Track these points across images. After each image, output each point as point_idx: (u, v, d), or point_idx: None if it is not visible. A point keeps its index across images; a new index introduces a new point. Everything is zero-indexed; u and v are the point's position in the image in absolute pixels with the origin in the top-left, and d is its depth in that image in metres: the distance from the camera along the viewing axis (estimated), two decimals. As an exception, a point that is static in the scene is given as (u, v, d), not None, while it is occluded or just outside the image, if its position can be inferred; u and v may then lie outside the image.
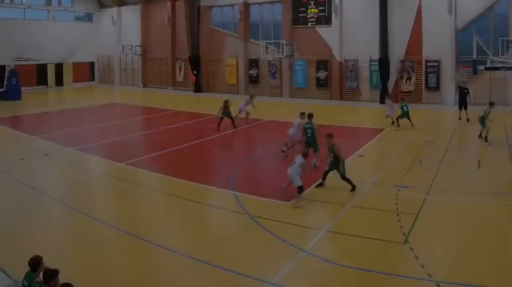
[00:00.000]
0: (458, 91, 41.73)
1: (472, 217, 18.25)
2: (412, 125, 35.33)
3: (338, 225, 17.70)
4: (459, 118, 39.80)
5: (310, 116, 26.17)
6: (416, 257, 14.52)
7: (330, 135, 21.95)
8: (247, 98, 40.93)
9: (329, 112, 42.79)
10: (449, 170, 24.99)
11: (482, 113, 30.17)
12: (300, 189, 20.02)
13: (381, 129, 35.95)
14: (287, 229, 17.17)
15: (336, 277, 13.88)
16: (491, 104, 31.21)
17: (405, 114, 35.70)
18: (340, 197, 20.85)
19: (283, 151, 27.71)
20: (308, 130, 25.29)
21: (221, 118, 36.57)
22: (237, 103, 39.58)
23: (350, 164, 24.80)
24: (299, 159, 20.65)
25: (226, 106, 36.86)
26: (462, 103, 40.05)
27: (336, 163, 21.62)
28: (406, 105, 35.91)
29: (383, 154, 29.90)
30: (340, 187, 21.62)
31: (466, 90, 40.64)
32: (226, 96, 42.94)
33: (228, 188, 22.20)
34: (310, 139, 25.16)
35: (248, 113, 39.16)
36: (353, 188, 21.38)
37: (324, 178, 22.31)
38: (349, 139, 31.22)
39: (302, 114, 27.53)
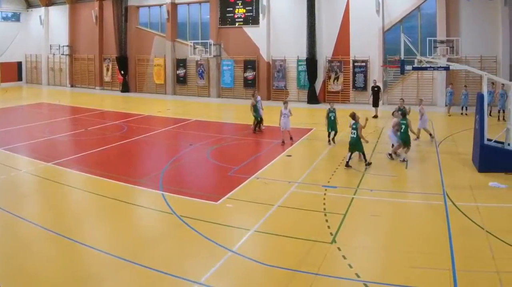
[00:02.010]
0: (371, 89, 42.64)
1: (400, 217, 18.09)
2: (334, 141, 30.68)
3: (265, 225, 17.13)
4: (375, 116, 40.29)
5: (404, 114, 26.41)
6: (344, 257, 14.26)
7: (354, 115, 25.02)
8: (257, 100, 35.69)
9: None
10: (377, 170, 24.35)
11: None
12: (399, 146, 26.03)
13: (309, 129, 35.26)
14: (214, 229, 16.77)
15: (263, 277, 13.53)
16: (402, 100, 32.07)
17: (332, 125, 30.00)
18: (268, 197, 20.16)
19: (390, 155, 26.76)
20: (402, 126, 25.85)
21: (260, 119, 33.39)
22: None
23: (278, 164, 25.81)
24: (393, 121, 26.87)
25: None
26: (375, 101, 41.34)
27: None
28: (333, 113, 30.14)
29: (311, 153, 28.96)
30: (267, 187, 21.53)
31: (376, 88, 42.05)
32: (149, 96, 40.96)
33: (155, 188, 21.65)
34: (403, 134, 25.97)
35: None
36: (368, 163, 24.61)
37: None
38: (276, 139, 31.16)
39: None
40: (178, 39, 61.92)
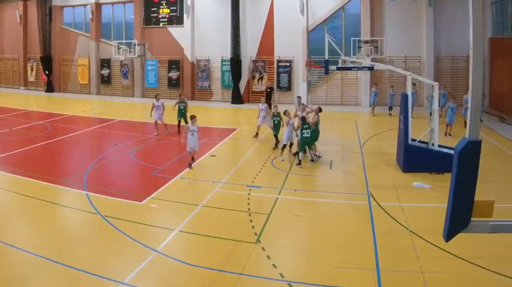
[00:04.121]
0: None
1: (324, 217, 17.97)
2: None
3: (190, 225, 16.94)
4: None
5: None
6: (268, 257, 14.12)
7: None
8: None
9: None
10: (301, 170, 24.27)
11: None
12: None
13: (233, 129, 35.19)
14: (139, 229, 16.43)
15: (188, 277, 13.29)
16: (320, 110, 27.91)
17: (276, 129, 29.35)
18: (192, 197, 20.09)
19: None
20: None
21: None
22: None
23: (203, 164, 25.60)
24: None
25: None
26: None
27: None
28: (277, 117, 29.30)
29: (235, 153, 28.97)
30: (191, 187, 21.45)
31: (268, 90, 44.55)
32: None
33: (80, 188, 21.05)
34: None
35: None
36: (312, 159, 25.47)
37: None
38: (201, 139, 29.50)
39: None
40: (103, 39, 60.80)
